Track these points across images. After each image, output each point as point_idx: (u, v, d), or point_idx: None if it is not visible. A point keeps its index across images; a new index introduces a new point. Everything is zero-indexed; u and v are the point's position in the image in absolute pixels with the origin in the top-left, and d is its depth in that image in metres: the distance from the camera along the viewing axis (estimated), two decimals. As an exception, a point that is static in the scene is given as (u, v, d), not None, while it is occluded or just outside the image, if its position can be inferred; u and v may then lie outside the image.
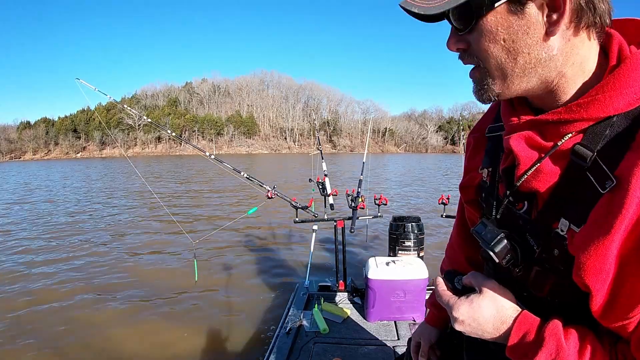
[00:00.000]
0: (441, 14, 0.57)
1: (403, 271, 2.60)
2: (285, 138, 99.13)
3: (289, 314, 2.86)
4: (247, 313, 3.94)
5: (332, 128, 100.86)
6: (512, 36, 0.55)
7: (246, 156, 69.76)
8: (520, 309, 0.65)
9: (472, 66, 0.62)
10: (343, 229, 3.20)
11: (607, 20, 0.56)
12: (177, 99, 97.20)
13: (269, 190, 3.06)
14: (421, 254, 3.21)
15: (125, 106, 3.26)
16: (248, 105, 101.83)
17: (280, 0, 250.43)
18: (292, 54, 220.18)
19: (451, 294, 0.72)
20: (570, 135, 0.58)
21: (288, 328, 2.61)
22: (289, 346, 2.42)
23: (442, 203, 3.30)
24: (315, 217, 3.21)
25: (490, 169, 0.77)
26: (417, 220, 3.23)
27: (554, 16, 0.53)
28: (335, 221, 3.19)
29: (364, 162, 3.59)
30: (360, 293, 3.17)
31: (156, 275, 5.13)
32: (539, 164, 0.61)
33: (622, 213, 0.49)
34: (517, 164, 0.64)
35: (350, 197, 3.14)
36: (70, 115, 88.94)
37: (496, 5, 0.54)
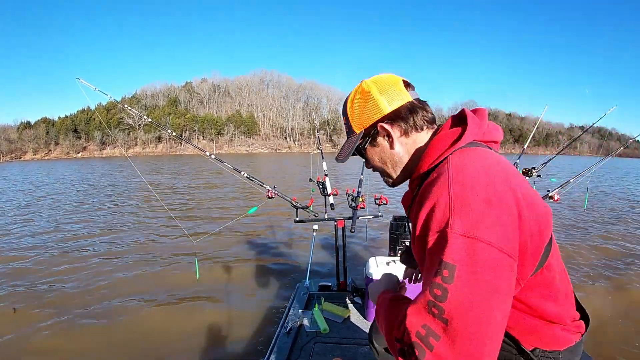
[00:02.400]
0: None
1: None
2: (285, 137, 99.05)
3: (290, 313, 2.86)
4: (247, 312, 3.94)
5: (332, 127, 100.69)
6: (380, 155, 1.05)
7: (246, 156, 69.78)
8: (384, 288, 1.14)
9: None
10: (343, 228, 3.20)
11: (425, 123, 1.00)
12: (177, 99, 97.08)
13: (269, 190, 3.05)
14: (421, 254, 3.20)
15: (126, 106, 3.24)
16: (248, 104, 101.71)
17: (280, 0, 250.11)
18: (292, 53, 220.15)
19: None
20: (417, 189, 0.95)
21: (288, 328, 2.61)
22: (289, 346, 2.41)
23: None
24: (316, 216, 3.21)
25: None
26: (418, 219, 3.22)
27: (390, 140, 1.01)
28: (335, 221, 3.19)
29: (364, 162, 3.59)
30: (361, 293, 3.16)
31: (157, 274, 5.14)
32: (411, 206, 1.00)
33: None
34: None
35: (350, 197, 3.13)
36: (71, 115, 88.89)
37: (366, 146, 1.05)
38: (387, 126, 0.98)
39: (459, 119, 0.97)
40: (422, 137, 1.00)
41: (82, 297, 4.40)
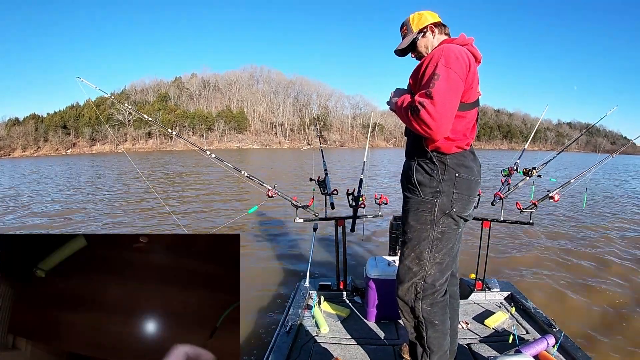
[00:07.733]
0: (403, 50, 2.00)
1: (404, 270, 2.60)
2: (276, 133, 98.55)
3: (289, 313, 2.86)
4: (247, 312, 3.91)
5: (322, 123, 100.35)
6: (425, 42, 1.92)
7: (237, 151, 69.23)
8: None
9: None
10: (344, 228, 3.19)
11: (443, 33, 1.93)
12: (167, 95, 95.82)
13: (269, 189, 3.04)
14: (421, 253, 3.20)
15: (126, 105, 3.22)
16: (238, 100, 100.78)
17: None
18: (282, 49, 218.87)
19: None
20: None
21: (288, 327, 2.61)
22: (289, 345, 2.42)
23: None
24: (316, 216, 3.20)
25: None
26: (417, 219, 3.22)
27: (432, 34, 1.91)
28: (335, 220, 3.19)
29: (364, 162, 3.57)
30: (361, 292, 3.17)
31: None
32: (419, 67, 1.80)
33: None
34: None
35: (351, 197, 3.14)
36: (60, 111, 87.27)
37: (419, 37, 1.92)
38: (433, 26, 1.89)
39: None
40: (442, 37, 1.91)
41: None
